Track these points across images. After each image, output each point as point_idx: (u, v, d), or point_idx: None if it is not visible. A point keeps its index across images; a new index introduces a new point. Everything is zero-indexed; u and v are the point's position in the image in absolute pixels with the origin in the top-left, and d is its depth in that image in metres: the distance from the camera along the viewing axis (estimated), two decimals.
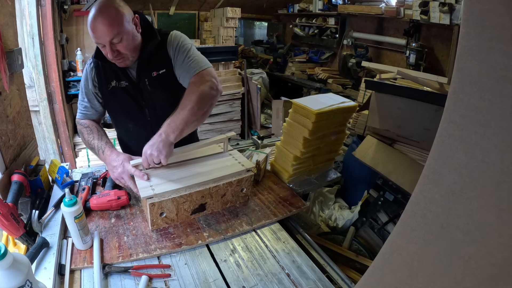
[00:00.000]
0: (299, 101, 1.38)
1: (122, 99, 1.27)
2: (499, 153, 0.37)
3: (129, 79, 1.24)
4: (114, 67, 1.21)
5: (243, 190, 1.22)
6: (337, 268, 1.04)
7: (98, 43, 1.11)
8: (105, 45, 1.08)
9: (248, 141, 1.96)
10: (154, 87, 1.24)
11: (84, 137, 1.30)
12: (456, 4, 2.86)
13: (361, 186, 2.29)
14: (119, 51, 1.11)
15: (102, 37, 1.06)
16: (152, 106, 1.29)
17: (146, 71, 1.23)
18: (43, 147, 2.69)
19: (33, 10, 2.35)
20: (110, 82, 1.24)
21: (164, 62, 1.24)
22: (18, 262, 0.67)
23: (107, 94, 1.27)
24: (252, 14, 5.93)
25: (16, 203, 1.00)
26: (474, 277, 0.40)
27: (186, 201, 1.09)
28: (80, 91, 1.32)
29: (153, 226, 1.07)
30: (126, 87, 1.24)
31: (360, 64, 3.81)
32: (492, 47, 0.36)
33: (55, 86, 2.62)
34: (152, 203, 1.02)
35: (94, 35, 1.07)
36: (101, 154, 1.22)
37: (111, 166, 1.17)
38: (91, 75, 1.26)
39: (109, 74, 1.24)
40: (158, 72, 1.23)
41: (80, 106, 1.32)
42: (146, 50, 1.20)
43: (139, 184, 1.07)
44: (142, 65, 1.22)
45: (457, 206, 0.42)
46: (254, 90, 4.13)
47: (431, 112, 1.64)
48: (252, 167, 1.22)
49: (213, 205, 1.17)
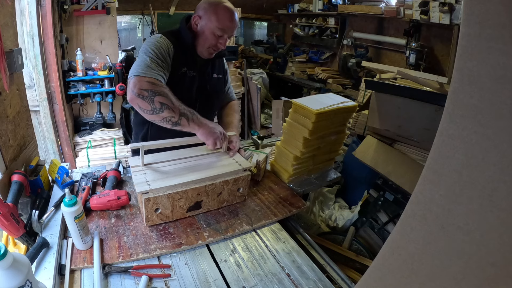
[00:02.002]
0: (299, 101, 1.38)
1: (186, 87, 1.33)
2: (499, 153, 0.37)
3: (197, 71, 1.34)
4: (189, 56, 1.31)
5: (240, 190, 1.22)
6: (337, 268, 1.04)
7: (221, 32, 1.24)
8: (224, 35, 1.26)
9: (248, 141, 1.96)
10: (212, 86, 1.42)
11: (167, 97, 1.10)
12: (456, 4, 2.85)
13: (361, 186, 2.29)
14: (222, 44, 1.28)
15: (231, 29, 1.27)
16: (203, 101, 1.40)
17: (209, 71, 1.40)
18: (43, 147, 2.69)
19: (33, 10, 2.35)
20: (182, 67, 1.30)
21: (222, 70, 1.49)
22: (18, 262, 0.67)
23: (175, 76, 1.25)
24: (252, 14, 5.93)
25: (16, 203, 1.00)
26: (474, 277, 0.40)
27: (181, 197, 1.09)
28: (150, 54, 1.16)
29: (148, 222, 1.08)
30: (193, 77, 1.33)
31: (360, 64, 3.81)
32: (492, 47, 0.36)
33: (55, 86, 2.62)
34: (147, 198, 1.02)
35: (227, 24, 1.24)
36: (191, 117, 1.14)
37: (210, 127, 1.19)
38: (172, 50, 1.23)
39: (183, 60, 1.30)
40: (218, 76, 1.45)
41: (150, 66, 1.12)
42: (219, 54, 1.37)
43: (135, 180, 1.07)
44: (210, 63, 1.39)
45: (457, 206, 0.42)
46: (254, 90, 4.13)
47: (431, 112, 1.64)
48: (249, 167, 1.22)
49: (209, 204, 1.17)
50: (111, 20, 3.03)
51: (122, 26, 4.81)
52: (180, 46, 1.27)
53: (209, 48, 1.29)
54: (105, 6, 2.92)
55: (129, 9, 4.50)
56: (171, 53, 1.24)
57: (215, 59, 1.40)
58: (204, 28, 1.26)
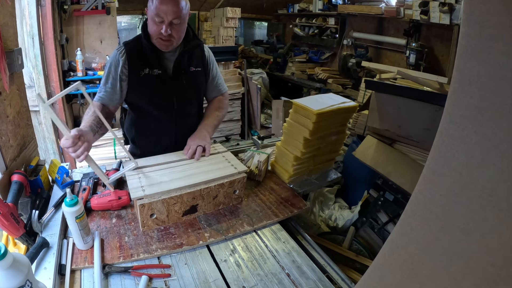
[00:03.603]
0: (299, 101, 1.38)
1: (153, 87, 1.31)
2: (499, 153, 0.37)
3: (162, 68, 1.30)
4: (149, 55, 1.26)
5: (236, 192, 1.21)
6: (337, 268, 1.04)
7: (158, 18, 1.16)
8: (164, 21, 1.15)
9: (248, 141, 1.96)
10: (188, 80, 1.36)
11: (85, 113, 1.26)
12: (456, 4, 2.85)
13: (361, 186, 2.29)
14: (171, 33, 1.19)
15: (169, 14, 1.14)
16: (180, 96, 1.37)
17: (184, 65, 1.34)
18: (43, 147, 2.69)
19: (33, 10, 2.35)
20: (142, 69, 1.28)
21: (202, 63, 1.41)
22: (18, 262, 0.67)
23: (137, 80, 1.29)
24: (252, 14, 5.93)
25: (16, 203, 1.00)
26: (474, 277, 0.40)
27: (176, 202, 1.08)
28: (103, 77, 1.30)
29: (144, 228, 1.06)
30: (158, 75, 1.30)
31: (360, 64, 3.81)
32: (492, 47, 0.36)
33: (55, 86, 2.62)
34: (142, 204, 1.01)
35: (161, 8, 1.13)
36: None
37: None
38: (122, 60, 1.26)
39: (143, 62, 1.28)
40: (195, 69, 1.38)
41: (99, 93, 1.30)
42: (190, 46, 1.33)
43: (130, 184, 1.07)
44: (182, 57, 1.33)
45: (457, 206, 0.42)
46: (254, 90, 4.13)
47: (431, 112, 1.64)
48: (245, 170, 1.20)
49: (204, 207, 1.16)
50: (111, 20, 3.03)
51: (122, 26, 4.81)
52: (139, 48, 1.26)
53: (158, 39, 1.21)
54: (105, 6, 2.92)
55: (129, 9, 4.50)
56: (125, 63, 1.26)
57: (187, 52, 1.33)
58: (148, 18, 1.22)
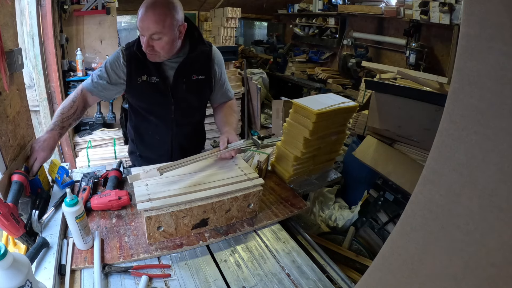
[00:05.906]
0: (299, 101, 1.38)
1: (150, 94, 1.31)
2: (499, 153, 0.37)
3: (161, 76, 1.29)
4: (148, 62, 1.26)
5: (250, 206, 1.14)
6: (337, 268, 1.04)
7: (140, 31, 1.17)
8: (144, 35, 1.15)
9: (248, 141, 1.96)
10: (189, 88, 1.34)
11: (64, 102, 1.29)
12: (456, 4, 2.85)
13: (361, 186, 2.29)
14: (153, 47, 1.18)
15: (145, 29, 1.14)
16: (179, 105, 1.36)
17: (187, 73, 1.32)
18: None
19: (33, 10, 2.35)
20: (140, 76, 1.28)
21: (206, 70, 1.37)
22: (18, 262, 0.67)
23: (135, 86, 1.30)
24: (252, 14, 5.93)
25: (16, 203, 0.99)
26: (474, 277, 0.40)
27: (186, 215, 1.02)
28: (100, 71, 1.31)
29: (150, 240, 1.01)
30: (156, 83, 1.29)
31: (360, 64, 3.81)
32: (492, 47, 0.36)
33: (55, 86, 2.62)
34: (149, 217, 0.96)
35: (139, 24, 1.14)
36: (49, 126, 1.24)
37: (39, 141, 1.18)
38: (122, 65, 1.28)
39: (141, 69, 1.28)
40: (197, 77, 1.35)
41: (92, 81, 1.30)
42: (193, 54, 1.30)
43: (137, 193, 1.03)
44: (184, 66, 1.30)
45: (457, 206, 0.42)
46: (254, 90, 4.12)
47: (431, 112, 1.64)
48: (261, 183, 1.13)
49: (216, 221, 1.09)
50: (111, 20, 3.03)
51: (122, 26, 4.81)
52: (140, 54, 1.25)
53: (146, 51, 1.19)
54: (105, 6, 2.92)
55: (129, 9, 4.50)
56: (119, 68, 1.28)
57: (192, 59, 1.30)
58: None
